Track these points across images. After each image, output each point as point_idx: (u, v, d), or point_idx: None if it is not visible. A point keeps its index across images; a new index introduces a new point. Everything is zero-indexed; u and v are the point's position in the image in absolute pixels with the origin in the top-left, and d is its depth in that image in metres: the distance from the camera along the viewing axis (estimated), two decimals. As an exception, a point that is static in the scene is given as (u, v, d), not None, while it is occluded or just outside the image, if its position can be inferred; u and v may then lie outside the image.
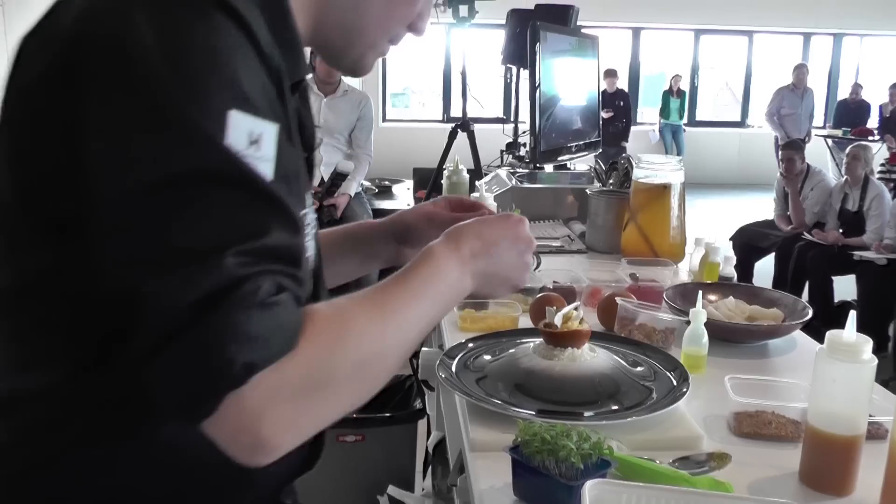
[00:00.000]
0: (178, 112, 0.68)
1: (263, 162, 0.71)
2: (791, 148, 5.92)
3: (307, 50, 0.97)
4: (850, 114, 10.87)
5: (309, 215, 0.90)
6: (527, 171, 2.81)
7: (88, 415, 0.78)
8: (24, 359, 0.81)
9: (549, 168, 2.87)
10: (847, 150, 5.70)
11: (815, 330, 1.63)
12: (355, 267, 1.30)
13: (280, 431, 0.71)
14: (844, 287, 5.33)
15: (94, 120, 0.69)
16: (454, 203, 1.26)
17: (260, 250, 0.69)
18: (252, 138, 0.70)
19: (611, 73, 10.21)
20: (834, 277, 5.29)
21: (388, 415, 2.62)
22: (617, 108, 10.25)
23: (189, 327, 0.66)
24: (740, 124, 12.86)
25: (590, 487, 0.81)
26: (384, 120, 11.50)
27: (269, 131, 0.72)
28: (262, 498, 0.95)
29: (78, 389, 0.78)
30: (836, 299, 5.30)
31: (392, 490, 2.25)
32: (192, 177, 0.68)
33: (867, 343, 0.98)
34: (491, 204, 1.20)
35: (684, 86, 11.88)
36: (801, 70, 9.93)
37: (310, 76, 4.63)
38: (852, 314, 1.00)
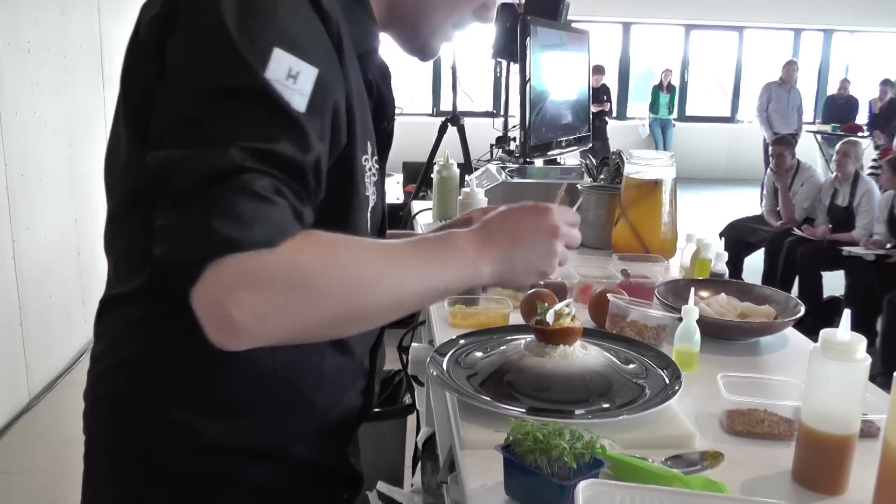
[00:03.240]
0: (232, 45, 0.82)
1: (297, 94, 0.83)
2: (781, 143, 5.94)
3: None
4: (838, 109, 10.91)
5: (370, 162, 1.01)
6: (517, 165, 2.80)
7: (172, 316, 0.87)
8: (131, 261, 0.97)
9: (538, 163, 2.86)
10: (837, 146, 5.71)
11: (806, 326, 1.63)
12: None
13: (247, 315, 0.77)
14: (832, 283, 5.35)
15: (172, 43, 0.86)
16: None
17: (265, 152, 0.80)
18: (291, 73, 0.83)
19: (598, 70, 10.24)
20: (823, 273, 5.31)
21: (377, 410, 2.60)
22: (602, 103, 10.30)
23: (193, 196, 0.77)
24: (730, 119, 12.89)
25: (583, 488, 0.80)
26: (374, 113, 11.45)
27: (307, 72, 0.85)
28: (325, 435, 1.10)
29: (163, 290, 0.87)
30: (825, 295, 5.32)
31: (381, 486, 2.24)
32: (227, 91, 0.81)
33: (861, 342, 0.97)
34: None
35: (674, 81, 11.90)
36: (790, 66, 9.95)
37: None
38: (847, 312, 0.99)
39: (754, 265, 5.89)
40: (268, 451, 1.04)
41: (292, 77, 0.83)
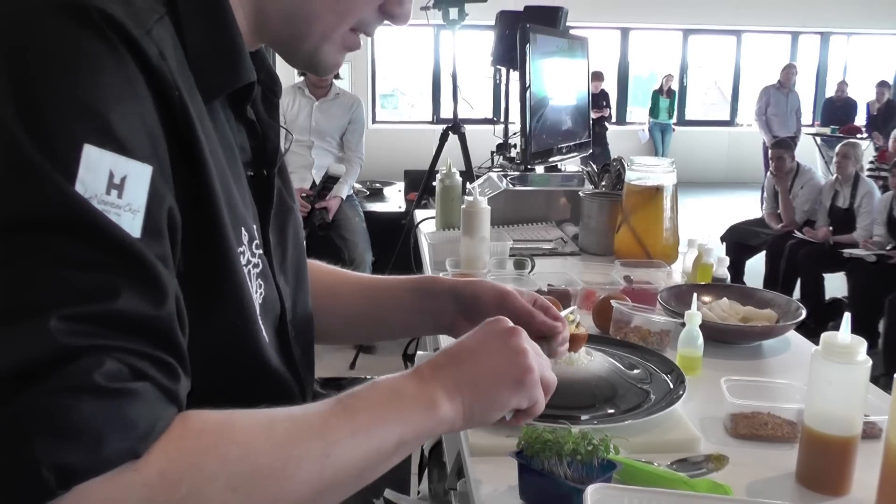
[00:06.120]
0: (17, 149, 0.56)
1: (126, 212, 0.59)
2: (781, 146, 5.96)
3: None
4: (836, 111, 10.94)
5: (248, 252, 0.77)
6: (518, 173, 2.82)
7: None
8: None
9: (539, 170, 2.88)
10: (837, 148, 5.73)
11: (808, 328, 1.64)
12: (411, 320, 1.15)
13: None
14: (834, 284, 5.36)
15: None
16: (539, 301, 1.07)
17: (103, 316, 0.56)
18: (113, 181, 0.58)
19: (597, 76, 10.28)
20: (825, 275, 5.32)
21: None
22: (602, 108, 10.36)
23: None
24: (729, 123, 12.91)
25: (592, 492, 0.81)
26: (374, 121, 11.49)
27: (137, 173, 0.60)
28: None
29: None
30: (827, 297, 5.33)
31: (388, 493, 2.25)
32: (18, 227, 0.55)
33: (862, 344, 0.99)
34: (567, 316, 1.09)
35: (674, 85, 11.93)
36: (789, 70, 9.97)
37: (301, 79, 4.60)
38: (847, 315, 1.01)
39: (756, 268, 5.90)
40: None
41: (116, 187, 0.58)
